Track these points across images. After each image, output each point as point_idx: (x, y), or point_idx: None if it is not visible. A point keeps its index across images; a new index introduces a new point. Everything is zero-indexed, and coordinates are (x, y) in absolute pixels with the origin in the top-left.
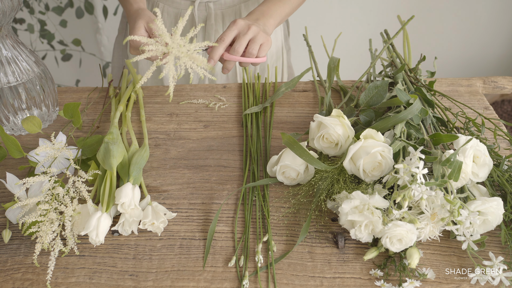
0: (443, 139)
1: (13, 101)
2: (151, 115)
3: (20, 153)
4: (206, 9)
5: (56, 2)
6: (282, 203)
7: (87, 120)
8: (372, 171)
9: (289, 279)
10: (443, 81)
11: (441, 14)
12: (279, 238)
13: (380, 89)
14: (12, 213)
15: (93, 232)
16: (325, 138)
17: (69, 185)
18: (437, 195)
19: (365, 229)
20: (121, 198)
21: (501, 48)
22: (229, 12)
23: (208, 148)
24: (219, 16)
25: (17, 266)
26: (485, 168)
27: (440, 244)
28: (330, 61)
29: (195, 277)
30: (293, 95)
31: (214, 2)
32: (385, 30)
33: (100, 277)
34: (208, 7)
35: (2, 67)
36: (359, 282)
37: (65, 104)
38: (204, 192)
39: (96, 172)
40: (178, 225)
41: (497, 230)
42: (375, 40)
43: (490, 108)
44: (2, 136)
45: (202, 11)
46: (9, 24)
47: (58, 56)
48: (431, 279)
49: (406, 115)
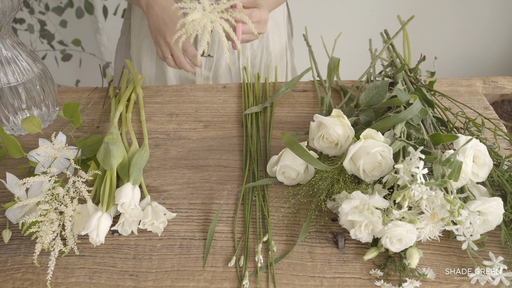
0: (443, 139)
1: (13, 101)
2: (151, 115)
3: (20, 153)
4: None
5: (56, 2)
6: (282, 203)
7: (87, 120)
8: (372, 171)
9: (289, 279)
10: (443, 81)
11: (441, 14)
12: (279, 238)
13: (380, 89)
14: (12, 213)
15: (94, 232)
16: (325, 138)
17: (69, 185)
18: (437, 195)
19: (365, 229)
20: (121, 198)
21: (501, 48)
22: None
23: (208, 148)
24: None
25: (17, 266)
26: (485, 168)
27: (440, 244)
28: (330, 61)
29: (195, 277)
30: (293, 95)
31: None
32: (385, 30)
33: (100, 277)
34: None
35: (2, 67)
36: (359, 282)
37: (65, 104)
38: (204, 192)
39: (96, 172)
40: (178, 225)
41: (497, 230)
42: (375, 40)
43: (490, 108)
44: (2, 136)
45: None
46: (9, 24)
47: (58, 56)
48: (431, 279)
49: (406, 115)
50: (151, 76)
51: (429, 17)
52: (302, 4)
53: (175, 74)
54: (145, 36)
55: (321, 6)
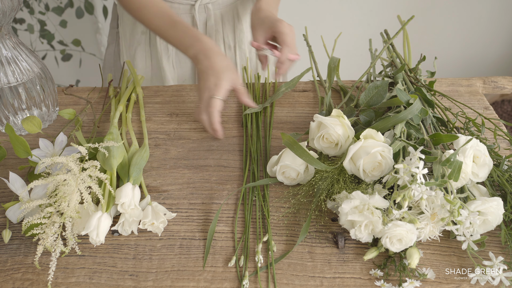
0: (443, 139)
1: (13, 101)
2: (151, 115)
3: (27, 153)
4: (205, 11)
5: (56, 2)
6: (282, 203)
7: (87, 120)
8: (372, 171)
9: (289, 279)
10: (443, 81)
11: (441, 14)
12: (279, 238)
13: (380, 89)
14: (12, 213)
15: (94, 232)
16: (325, 138)
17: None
18: (437, 195)
19: (365, 229)
20: (121, 198)
21: (501, 48)
22: (227, 10)
23: (208, 148)
24: (218, 16)
25: (17, 266)
26: (485, 168)
27: (440, 244)
28: (331, 61)
29: (195, 277)
30: (293, 95)
31: (212, 3)
32: (385, 30)
33: (100, 277)
34: (207, 9)
35: (2, 67)
36: (359, 282)
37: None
38: (204, 192)
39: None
40: (178, 225)
41: (497, 230)
42: (375, 40)
43: (490, 108)
44: (11, 136)
45: (201, 13)
46: (9, 24)
47: (58, 56)
48: (431, 279)
49: (406, 115)
50: (147, 81)
51: (429, 17)
52: (302, 4)
53: (173, 78)
54: (138, 44)
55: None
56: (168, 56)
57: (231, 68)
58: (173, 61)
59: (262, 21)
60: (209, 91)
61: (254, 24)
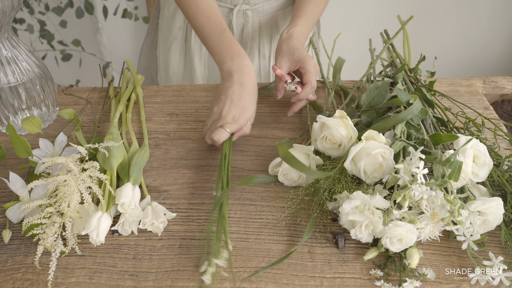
0: (443, 139)
1: (13, 101)
2: (151, 115)
3: (28, 153)
4: (243, 17)
5: (56, 2)
6: (283, 203)
7: (87, 120)
8: (373, 173)
9: (289, 279)
10: (443, 81)
11: (441, 14)
12: (279, 238)
13: (382, 89)
14: (12, 213)
15: (94, 232)
16: (328, 139)
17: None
18: (437, 195)
19: (365, 229)
20: (121, 198)
21: (501, 48)
22: (266, 20)
23: (208, 148)
24: (256, 24)
25: (17, 266)
26: (485, 168)
27: (440, 244)
28: (337, 61)
29: (195, 277)
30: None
31: (252, 10)
32: (385, 30)
33: (100, 277)
34: (246, 15)
35: (2, 67)
36: (359, 282)
37: (61, 110)
38: (204, 192)
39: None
40: (178, 225)
41: (497, 230)
42: (375, 40)
43: (490, 108)
44: (12, 136)
45: (239, 19)
46: (9, 24)
47: (58, 56)
48: (431, 279)
49: (406, 115)
50: (179, 77)
51: (429, 17)
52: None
53: (203, 78)
54: (174, 38)
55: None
56: (200, 56)
57: (253, 105)
58: (205, 61)
59: (291, 51)
60: (224, 120)
61: (282, 50)
